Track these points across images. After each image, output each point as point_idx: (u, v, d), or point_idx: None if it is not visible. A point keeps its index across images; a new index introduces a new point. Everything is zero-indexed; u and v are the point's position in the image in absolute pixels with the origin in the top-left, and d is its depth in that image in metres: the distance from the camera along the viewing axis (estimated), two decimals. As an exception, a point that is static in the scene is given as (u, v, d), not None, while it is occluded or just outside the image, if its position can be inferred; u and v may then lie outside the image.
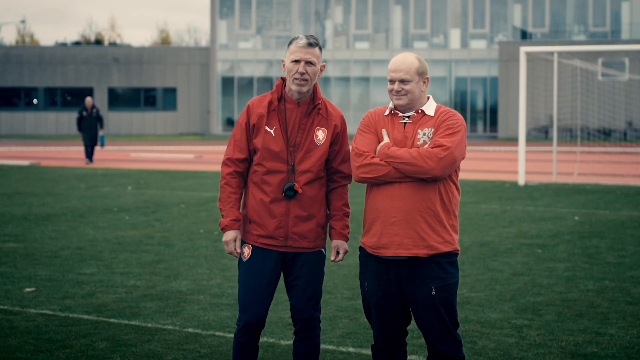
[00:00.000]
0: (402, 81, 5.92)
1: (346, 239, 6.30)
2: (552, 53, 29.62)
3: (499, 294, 10.26)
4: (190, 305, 9.71)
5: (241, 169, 6.22)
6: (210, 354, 7.85)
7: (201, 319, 9.10)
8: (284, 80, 6.22)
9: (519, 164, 25.53)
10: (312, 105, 6.17)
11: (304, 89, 6.09)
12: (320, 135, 6.17)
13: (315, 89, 6.18)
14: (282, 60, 6.21)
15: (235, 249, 6.17)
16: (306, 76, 6.06)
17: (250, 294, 6.18)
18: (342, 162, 6.28)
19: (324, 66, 6.19)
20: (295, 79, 6.07)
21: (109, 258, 12.68)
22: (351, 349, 7.99)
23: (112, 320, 9.04)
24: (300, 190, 6.09)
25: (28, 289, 10.49)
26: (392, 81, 5.97)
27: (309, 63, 6.07)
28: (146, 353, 7.86)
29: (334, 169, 6.27)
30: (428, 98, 6.05)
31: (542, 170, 29.92)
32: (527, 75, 27.19)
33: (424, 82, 5.98)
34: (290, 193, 6.09)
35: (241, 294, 6.22)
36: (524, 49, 26.20)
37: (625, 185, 25.01)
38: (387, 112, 6.05)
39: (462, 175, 28.21)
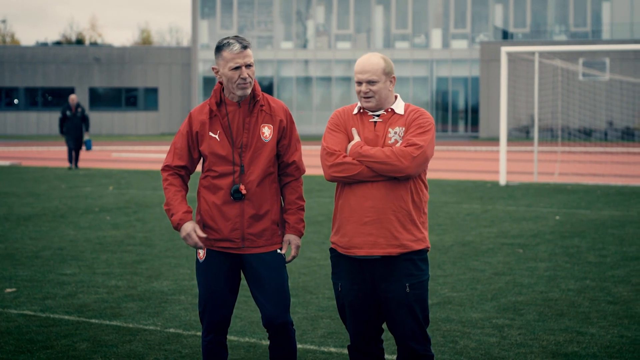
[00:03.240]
0: (370, 82, 5.93)
1: (300, 234, 6.24)
2: (533, 53, 29.71)
3: (480, 294, 10.28)
4: (171, 306, 9.69)
5: (181, 174, 6.21)
6: (191, 354, 7.84)
7: (183, 319, 9.08)
8: (221, 83, 6.16)
9: (500, 163, 25.58)
10: (253, 103, 6.12)
11: (249, 91, 6.06)
12: (267, 132, 6.12)
13: (253, 87, 6.14)
14: (213, 68, 6.14)
15: (198, 240, 6.10)
16: (249, 79, 6.03)
17: (210, 298, 6.16)
18: (292, 155, 6.25)
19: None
20: (239, 84, 6.02)
21: (90, 258, 12.65)
22: (332, 349, 7.99)
23: (93, 320, 9.02)
24: (244, 192, 6.05)
25: (8, 290, 10.45)
26: (359, 83, 5.97)
27: (248, 66, 6.03)
28: (127, 353, 7.84)
29: (285, 163, 6.22)
30: (396, 97, 6.06)
31: (523, 170, 30.00)
32: (508, 75, 27.26)
33: (391, 81, 5.99)
34: (237, 195, 6.04)
35: (201, 297, 6.21)
36: (505, 49, 26.26)
37: (606, 185, 25.10)
38: (355, 111, 6.05)
39: (443, 175, 28.27)
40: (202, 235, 6.12)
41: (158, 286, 10.74)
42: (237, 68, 6.02)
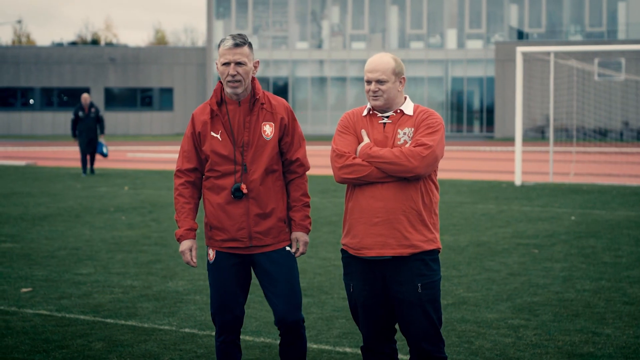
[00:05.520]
0: (379, 81, 5.94)
1: (307, 230, 6.27)
2: (548, 53, 29.64)
3: (496, 294, 10.27)
4: (186, 306, 9.71)
5: (192, 179, 6.26)
6: (206, 354, 7.85)
7: (198, 319, 9.09)
8: (222, 83, 6.18)
9: (516, 164, 25.53)
10: (253, 102, 6.12)
11: (239, 90, 6.06)
12: (268, 129, 6.13)
13: (254, 85, 6.14)
14: (215, 63, 6.16)
15: (191, 259, 6.20)
16: (238, 77, 6.02)
17: (222, 298, 6.20)
18: (296, 152, 6.26)
19: (257, 62, 6.16)
20: (229, 81, 6.03)
21: (105, 258, 12.68)
22: (348, 349, 7.99)
23: (108, 320, 9.04)
24: (245, 191, 6.07)
25: (24, 289, 10.48)
26: (368, 82, 5.98)
27: (238, 64, 6.02)
28: (143, 353, 7.85)
29: (289, 160, 6.24)
30: (405, 98, 6.06)
31: (539, 171, 29.94)
32: (523, 75, 27.19)
33: (401, 82, 5.99)
34: (238, 194, 6.07)
35: (213, 298, 6.25)
36: (520, 49, 26.20)
37: (622, 185, 25.03)
38: (365, 113, 6.06)
39: (458, 176, 28.24)
40: (194, 261, 6.23)
41: (173, 286, 10.76)
42: (226, 64, 6.03)
